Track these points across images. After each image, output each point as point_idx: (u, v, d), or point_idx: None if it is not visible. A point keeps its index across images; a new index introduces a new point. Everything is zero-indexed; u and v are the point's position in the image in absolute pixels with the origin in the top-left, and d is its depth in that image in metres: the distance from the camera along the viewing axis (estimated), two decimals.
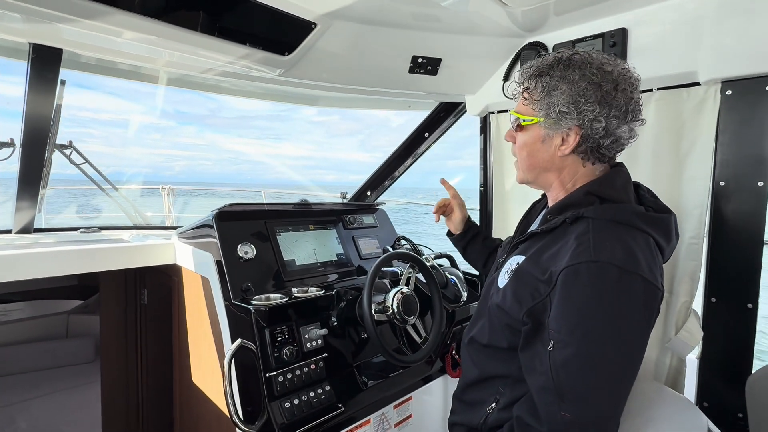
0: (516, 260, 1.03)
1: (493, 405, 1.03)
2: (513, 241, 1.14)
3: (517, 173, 1.11)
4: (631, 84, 0.95)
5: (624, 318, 0.84)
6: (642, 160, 1.45)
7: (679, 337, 1.36)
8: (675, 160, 1.39)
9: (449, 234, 1.67)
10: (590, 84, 0.92)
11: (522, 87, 1.04)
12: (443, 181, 1.61)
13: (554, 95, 0.95)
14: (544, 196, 1.24)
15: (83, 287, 3.44)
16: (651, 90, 1.43)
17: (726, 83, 1.26)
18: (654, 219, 0.94)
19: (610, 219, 0.91)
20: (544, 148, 1.01)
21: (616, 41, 1.40)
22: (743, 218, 1.26)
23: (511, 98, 1.11)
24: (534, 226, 1.12)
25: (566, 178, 1.02)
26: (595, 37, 1.45)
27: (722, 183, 1.29)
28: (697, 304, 1.39)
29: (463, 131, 2.29)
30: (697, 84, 1.32)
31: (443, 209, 1.61)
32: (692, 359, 1.42)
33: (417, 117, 2.28)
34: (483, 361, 1.09)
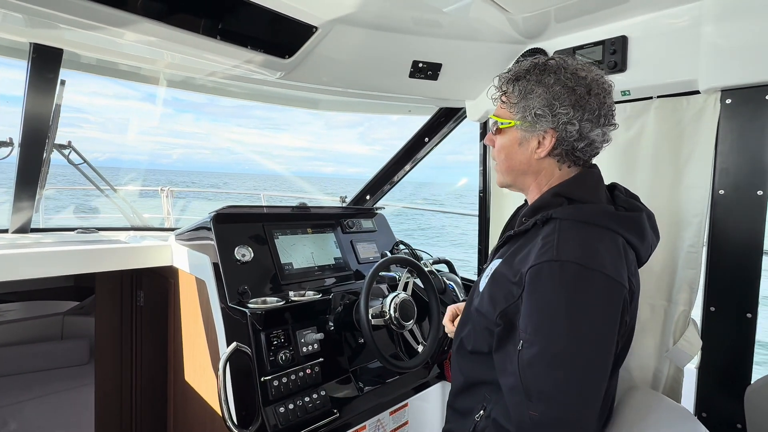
0: (495, 264, 1.05)
1: (481, 412, 1.03)
2: (495, 246, 1.16)
3: (497, 177, 1.14)
4: (604, 89, 0.98)
5: (585, 315, 0.85)
6: (641, 168, 1.44)
7: (678, 347, 1.35)
8: (674, 168, 1.39)
9: None
10: (564, 88, 0.95)
11: (500, 91, 1.07)
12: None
13: (530, 98, 0.98)
14: (526, 201, 1.26)
15: (79, 288, 3.42)
16: (651, 98, 1.43)
17: (726, 92, 1.26)
18: (622, 218, 0.96)
19: (577, 219, 0.93)
20: (521, 150, 1.03)
21: (617, 49, 1.41)
22: (743, 227, 1.25)
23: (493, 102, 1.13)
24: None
25: (543, 181, 1.05)
26: (596, 44, 1.46)
27: (722, 192, 1.29)
28: (696, 314, 1.38)
29: (464, 126, 2.29)
30: (697, 92, 1.32)
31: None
32: (690, 369, 1.41)
33: (417, 112, 2.26)
34: (469, 368, 1.09)
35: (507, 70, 1.06)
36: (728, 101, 1.26)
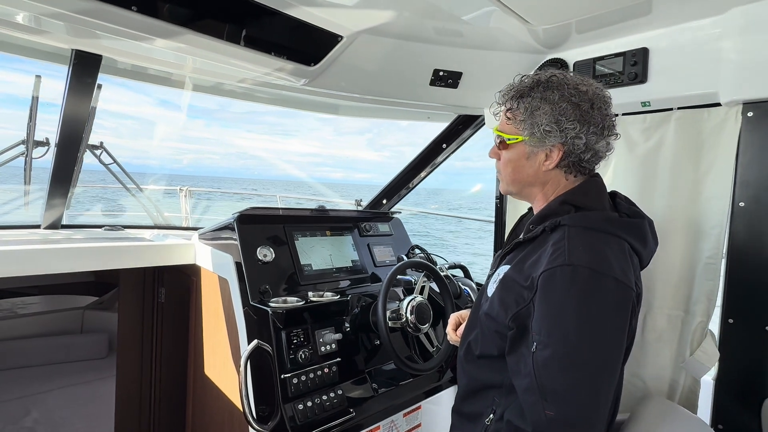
0: (503, 270, 1.08)
1: (491, 416, 1.05)
2: (501, 252, 1.20)
3: (500, 185, 1.18)
4: (605, 102, 1.03)
5: (597, 318, 0.88)
6: (660, 179, 1.45)
7: (695, 358, 1.35)
8: (694, 179, 1.39)
9: None
10: (569, 104, 0.99)
11: (504, 107, 1.10)
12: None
13: (537, 115, 1.02)
14: (530, 209, 1.30)
15: (99, 284, 3.51)
16: (671, 109, 1.44)
17: (747, 105, 1.27)
18: (626, 224, 1.01)
19: (585, 226, 0.96)
20: (528, 164, 1.07)
21: (637, 60, 1.42)
22: (763, 239, 1.25)
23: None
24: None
25: (549, 191, 1.08)
26: (616, 55, 1.47)
27: (742, 204, 1.29)
28: (713, 325, 1.38)
29: (478, 133, 2.31)
30: (718, 105, 1.32)
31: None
32: (707, 380, 1.41)
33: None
34: (477, 372, 1.12)
35: (508, 86, 1.10)
36: (750, 114, 1.26)
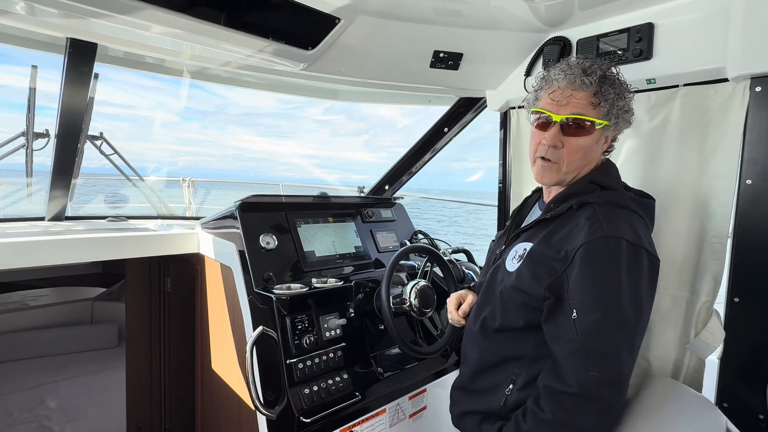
0: (523, 246, 1.13)
1: (511, 387, 1.09)
2: (511, 232, 1.26)
3: (549, 173, 1.11)
4: (630, 92, 1.12)
5: (637, 285, 0.97)
6: (665, 157, 1.42)
7: (701, 338, 1.35)
8: (700, 157, 1.36)
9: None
10: (628, 94, 1.10)
11: (590, 89, 1.05)
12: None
13: (621, 102, 1.08)
14: (534, 192, 1.37)
15: (107, 275, 3.55)
16: (677, 86, 1.41)
17: (756, 79, 1.23)
18: (643, 203, 1.11)
19: (613, 203, 1.05)
20: (597, 148, 1.12)
21: (642, 36, 1.38)
22: None
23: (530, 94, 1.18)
24: (534, 217, 1.23)
25: (585, 172, 1.13)
26: (621, 32, 1.43)
27: (749, 182, 1.27)
28: (718, 305, 1.37)
29: (470, 134, 2.29)
30: (725, 80, 1.29)
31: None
32: (711, 360, 1.40)
33: (424, 118, 2.29)
34: (495, 346, 1.15)
35: (588, 64, 1.07)
36: (758, 89, 1.23)
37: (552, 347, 1.03)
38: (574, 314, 0.97)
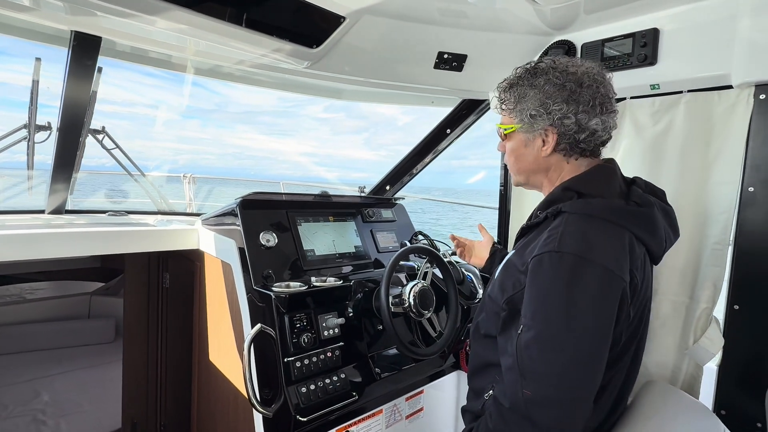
0: (509, 254, 1.13)
1: (490, 392, 1.09)
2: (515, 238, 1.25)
3: (512, 178, 1.22)
4: (596, 80, 1.02)
5: (579, 304, 0.89)
6: (668, 163, 1.43)
7: (700, 345, 1.35)
8: (702, 163, 1.36)
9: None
10: (555, 86, 1.01)
11: (499, 100, 1.14)
12: (480, 228, 1.69)
13: (524, 102, 1.06)
14: None
15: (105, 270, 3.54)
16: (681, 92, 1.41)
17: (760, 87, 1.23)
18: (631, 213, 0.99)
19: (585, 213, 0.97)
20: (528, 151, 1.10)
21: (647, 41, 1.38)
22: None
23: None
24: None
25: (554, 177, 1.11)
26: (626, 36, 1.43)
27: (751, 189, 1.27)
28: (718, 312, 1.37)
29: (471, 133, 2.30)
30: (730, 87, 1.29)
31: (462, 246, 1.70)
32: (710, 367, 1.40)
33: (425, 116, 2.28)
34: (482, 350, 1.16)
35: (504, 80, 1.14)
36: (762, 96, 1.23)
37: (500, 359, 1.03)
38: (520, 329, 0.94)
